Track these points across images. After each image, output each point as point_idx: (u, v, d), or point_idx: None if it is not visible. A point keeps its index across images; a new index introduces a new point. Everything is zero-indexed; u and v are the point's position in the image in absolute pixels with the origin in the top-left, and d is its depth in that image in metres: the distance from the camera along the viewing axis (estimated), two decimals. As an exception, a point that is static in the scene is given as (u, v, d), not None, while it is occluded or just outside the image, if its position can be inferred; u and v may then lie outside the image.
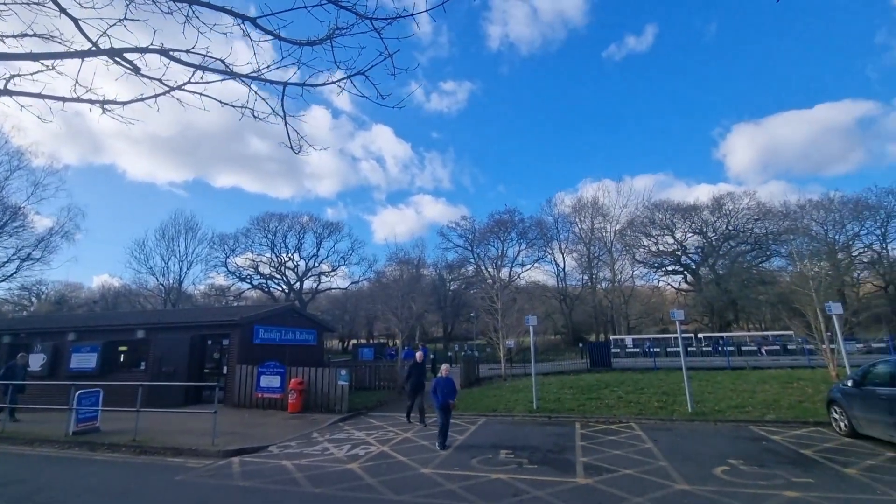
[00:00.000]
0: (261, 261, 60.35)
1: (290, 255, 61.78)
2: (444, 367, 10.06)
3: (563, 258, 60.59)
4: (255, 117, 3.93)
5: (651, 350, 35.31)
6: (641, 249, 57.78)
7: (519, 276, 60.24)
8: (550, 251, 60.99)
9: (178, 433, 10.73)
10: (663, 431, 10.25)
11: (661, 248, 57.28)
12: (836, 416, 9.56)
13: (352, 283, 65.17)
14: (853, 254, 49.99)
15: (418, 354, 12.35)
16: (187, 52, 3.61)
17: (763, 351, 34.11)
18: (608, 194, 76.85)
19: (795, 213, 50.75)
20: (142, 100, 3.82)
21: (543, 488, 6.48)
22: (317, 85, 3.78)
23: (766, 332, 42.15)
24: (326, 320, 43.55)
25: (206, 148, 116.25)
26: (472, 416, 12.86)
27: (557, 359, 34.20)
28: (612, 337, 46.89)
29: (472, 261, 61.76)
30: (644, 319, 58.06)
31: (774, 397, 13.20)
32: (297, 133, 4.11)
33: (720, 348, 34.60)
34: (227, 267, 58.47)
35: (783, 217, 50.99)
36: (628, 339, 43.12)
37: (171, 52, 3.62)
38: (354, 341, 66.70)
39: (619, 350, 37.38)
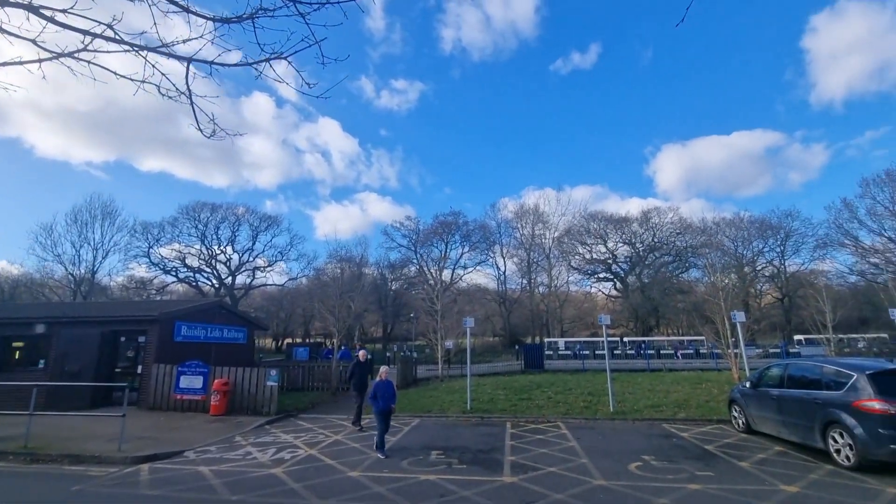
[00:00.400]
0: (189, 252, 56.40)
1: (222, 247, 58.26)
2: (384, 369, 9.61)
3: (504, 262, 62.26)
4: (161, 94, 3.61)
5: (581, 352, 37.17)
6: (577, 257, 60.81)
7: (461, 279, 61.09)
8: (492, 255, 62.43)
9: (82, 439, 9.72)
10: (587, 430, 10.79)
11: (594, 256, 60.57)
12: (736, 415, 10.57)
13: (289, 279, 62.67)
14: (757, 268, 55.89)
15: (361, 353, 11.93)
16: (64, 11, 3.21)
17: (679, 354, 37.02)
18: (548, 202, 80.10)
19: (711, 229, 56.02)
20: (18, 63, 3.36)
21: (470, 488, 6.57)
22: (228, 65, 3.53)
23: (682, 338, 45.83)
24: (258, 318, 41.50)
25: (131, 127, 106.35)
26: (407, 416, 12.80)
27: (495, 360, 34.99)
28: (546, 340, 48.80)
29: (416, 261, 61.73)
30: (577, 323, 61.08)
31: (685, 397, 14.36)
32: (210, 116, 3.82)
33: (642, 351, 37.11)
34: (149, 258, 54.04)
35: (701, 232, 55.97)
36: (561, 341, 45.12)
37: (40, 10, 3.18)
38: (289, 340, 64.16)
39: (552, 352, 38.98)
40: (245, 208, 60.13)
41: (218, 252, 58.03)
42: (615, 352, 38.12)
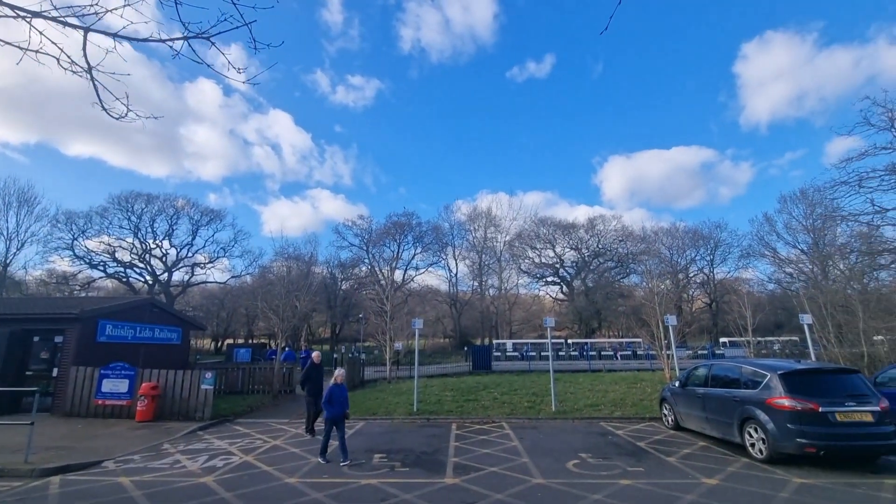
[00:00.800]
0: (120, 246, 52.13)
1: (157, 241, 54.36)
2: (340, 373, 9.06)
3: (456, 264, 62.75)
4: (62, 67, 3.26)
5: (528, 354, 38.14)
6: (526, 260, 62.46)
7: (413, 280, 60.84)
8: (445, 256, 62.73)
9: (-22, 451, 8.70)
10: (530, 430, 11.04)
11: (543, 260, 62.48)
12: (666, 413, 11.23)
13: (232, 277, 59.54)
14: (689, 275, 59.96)
15: (315, 355, 11.36)
16: None
17: (618, 356, 38.89)
18: (501, 206, 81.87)
19: (650, 237, 59.61)
20: None
21: (411, 491, 6.52)
22: (137, 39, 3.26)
23: (621, 340, 48.19)
24: (195, 317, 39.26)
25: (56, 107, 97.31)
26: (351, 419, 12.47)
27: (444, 361, 35.09)
28: (495, 341, 49.63)
29: (367, 261, 60.77)
30: (525, 325, 62.69)
31: (622, 396, 15.09)
32: (115, 96, 3.50)
33: (585, 353, 38.64)
34: (73, 251, 49.40)
35: (641, 240, 59.35)
36: (509, 343, 46.06)
37: None
38: (230, 341, 61.02)
39: (500, 353, 39.69)
40: (185, 200, 56.47)
41: (153, 246, 54.16)
42: (560, 353, 39.50)
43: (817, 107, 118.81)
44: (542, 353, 38.50)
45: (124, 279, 53.32)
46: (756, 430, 7.99)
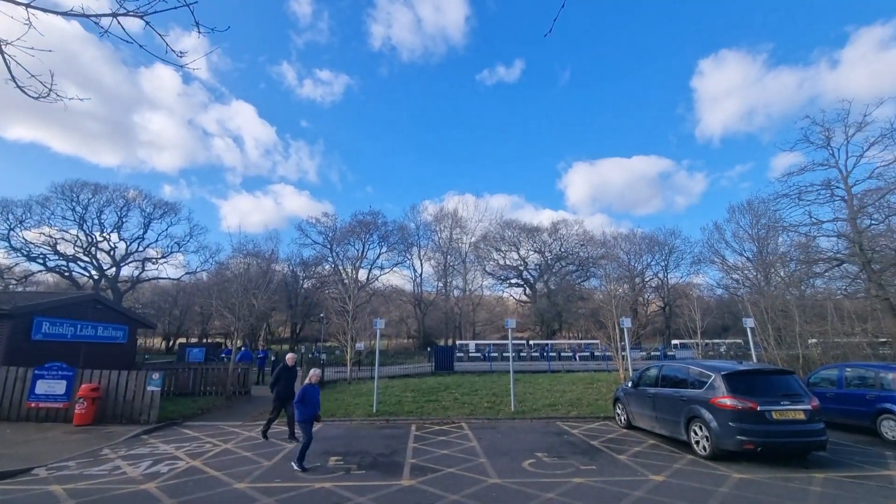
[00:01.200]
0: (62, 238, 48.84)
1: (105, 234, 51.30)
2: (315, 373, 8.59)
3: (422, 264, 62.67)
4: None
5: (490, 355, 38.54)
6: (491, 262, 63.25)
7: (377, 279, 60.26)
8: (410, 256, 62.48)
9: None
10: (489, 430, 11.14)
11: (507, 262, 63.46)
12: (619, 412, 11.61)
13: (187, 273, 57.05)
14: (645, 279, 62.44)
15: (289, 356, 10.87)
16: None
17: (577, 357, 39.96)
18: (467, 208, 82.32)
19: (610, 242, 61.73)
20: None
21: (366, 494, 6.42)
22: (51, 11, 3.01)
23: (580, 341, 49.52)
24: (144, 315, 37.37)
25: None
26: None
27: (407, 362, 34.90)
28: (458, 342, 49.85)
29: (331, 260, 59.73)
30: (488, 326, 63.33)
31: (578, 396, 15.49)
32: (31, 72, 3.24)
33: (545, 354, 39.44)
34: (9, 241, 45.88)
35: (601, 245, 61.35)
36: (472, 344, 46.36)
37: None
38: (183, 340, 58.31)
39: (462, 354, 39.91)
40: (138, 192, 53.64)
41: (100, 239, 51.09)
42: (521, 354, 40.11)
43: (765, 123, 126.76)
44: (504, 354, 38.98)
45: (67, 273, 49.99)
46: (701, 429, 8.39)
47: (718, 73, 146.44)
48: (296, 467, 7.59)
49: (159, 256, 55.00)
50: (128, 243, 53.05)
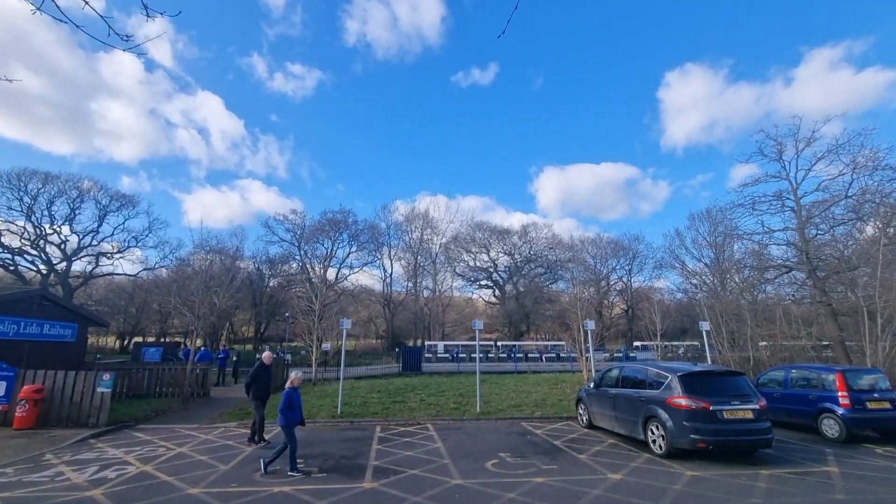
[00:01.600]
0: (7, 229, 45.66)
1: (56, 226, 48.34)
2: (297, 375, 8.04)
3: (392, 264, 62.17)
4: None
5: (459, 356, 38.63)
6: (461, 263, 63.50)
7: (346, 278, 59.38)
8: (380, 256, 61.88)
9: None
10: (454, 431, 11.15)
11: (477, 263, 63.86)
12: (581, 412, 11.86)
13: (145, 269, 54.35)
14: (610, 283, 64.24)
15: (266, 355, 10.39)
16: None
17: (543, 358, 40.55)
18: (439, 209, 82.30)
19: (577, 246, 63.17)
20: None
21: (327, 497, 6.29)
22: None
23: (547, 342, 50.37)
24: (97, 312, 35.56)
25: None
26: (269, 424, 11.86)
27: (374, 363, 34.55)
28: (427, 342, 49.75)
29: (298, 258, 58.35)
30: (457, 327, 63.59)
31: (543, 397, 15.74)
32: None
33: (512, 355, 39.89)
34: (-55, 232, 42.58)
35: (569, 248, 62.69)
36: (440, 344, 46.35)
37: None
38: (139, 339, 55.63)
39: (431, 355, 39.82)
40: (93, 182, 50.67)
41: (49, 231, 48.06)
42: (489, 355, 40.40)
43: (724, 135, 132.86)
44: (473, 355, 39.00)
45: (11, 267, 46.78)
46: (657, 428, 8.67)
47: (683, 85, 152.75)
48: (291, 474, 7.31)
49: (115, 251, 52.29)
50: (80, 237, 50.19)
